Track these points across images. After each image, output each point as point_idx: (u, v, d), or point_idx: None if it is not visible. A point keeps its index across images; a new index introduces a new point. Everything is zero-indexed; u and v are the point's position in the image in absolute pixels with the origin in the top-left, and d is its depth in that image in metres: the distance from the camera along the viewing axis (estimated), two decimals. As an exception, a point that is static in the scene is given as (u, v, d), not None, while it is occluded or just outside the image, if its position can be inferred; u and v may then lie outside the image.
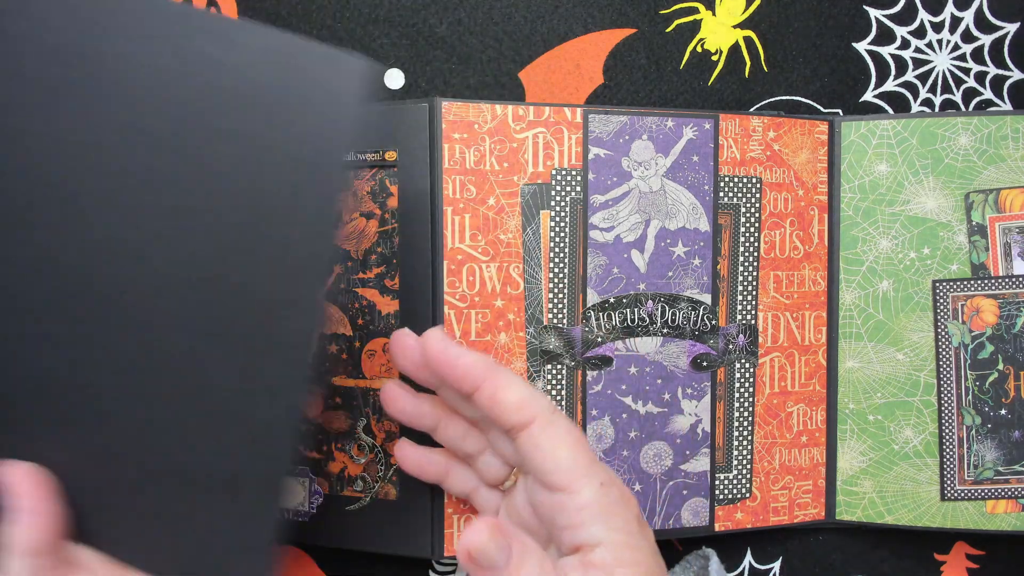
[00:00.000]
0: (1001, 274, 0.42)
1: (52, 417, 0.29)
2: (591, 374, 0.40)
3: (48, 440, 0.30)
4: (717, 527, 0.42)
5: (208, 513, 0.29)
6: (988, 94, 0.45)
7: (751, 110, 0.44)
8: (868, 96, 0.45)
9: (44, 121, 0.27)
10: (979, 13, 0.45)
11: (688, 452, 0.41)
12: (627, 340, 0.40)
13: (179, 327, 0.28)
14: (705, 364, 0.41)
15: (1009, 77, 0.45)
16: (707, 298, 0.41)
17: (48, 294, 0.28)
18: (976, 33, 0.45)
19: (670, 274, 0.40)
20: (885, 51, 0.45)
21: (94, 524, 0.30)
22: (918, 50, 0.45)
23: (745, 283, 0.42)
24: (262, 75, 0.27)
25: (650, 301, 0.40)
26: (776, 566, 0.45)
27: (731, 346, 0.41)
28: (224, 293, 0.27)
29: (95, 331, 0.28)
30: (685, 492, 0.41)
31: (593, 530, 0.29)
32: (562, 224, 0.39)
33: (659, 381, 0.40)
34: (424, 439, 0.37)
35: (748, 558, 0.44)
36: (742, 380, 0.42)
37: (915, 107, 0.45)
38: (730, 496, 0.42)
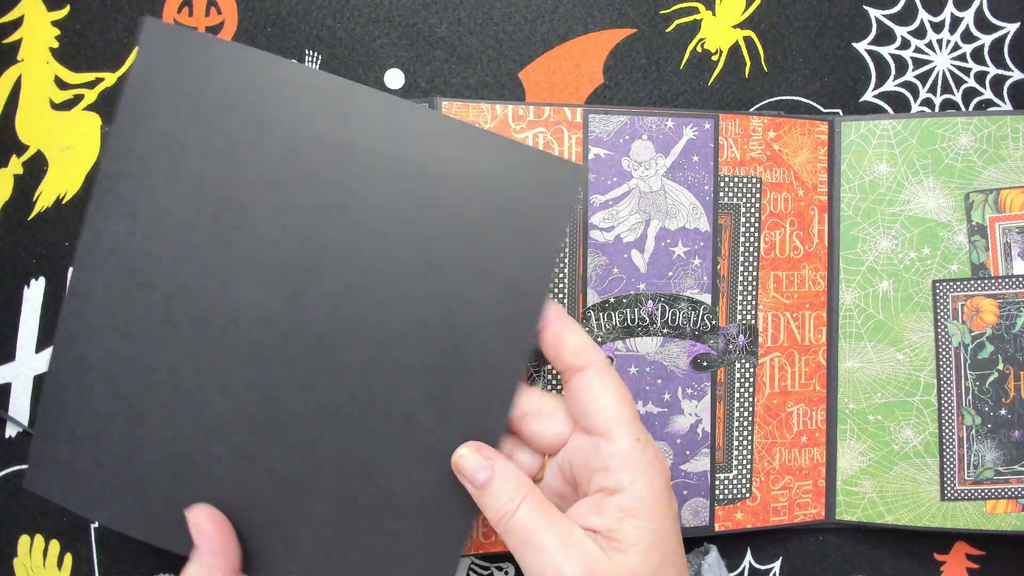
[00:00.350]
0: (1001, 274, 0.42)
1: (244, 454, 0.33)
2: (591, 374, 0.40)
3: (237, 477, 0.33)
4: (717, 527, 0.42)
5: (399, 535, 0.33)
6: (988, 94, 0.45)
7: (751, 110, 0.44)
8: (868, 96, 0.45)
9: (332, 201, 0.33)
10: (979, 13, 0.45)
11: (688, 452, 0.41)
12: (627, 340, 0.40)
13: (400, 373, 0.32)
14: (705, 364, 0.41)
15: (1009, 77, 0.45)
16: (707, 298, 0.41)
17: (284, 347, 0.33)
18: (976, 33, 0.45)
19: (670, 274, 0.40)
20: (885, 51, 0.45)
21: (272, 555, 0.33)
22: (918, 50, 0.45)
23: (745, 283, 0.42)
24: (505, 174, 0.32)
25: (650, 301, 0.40)
26: (776, 566, 0.45)
27: (731, 346, 0.41)
28: (446, 349, 0.32)
29: (317, 379, 0.33)
30: (685, 492, 0.41)
31: (619, 477, 0.30)
32: (562, 224, 0.39)
33: (659, 381, 0.40)
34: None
35: (748, 558, 0.44)
36: (742, 380, 0.42)
37: (915, 107, 0.45)
38: (730, 496, 0.42)
